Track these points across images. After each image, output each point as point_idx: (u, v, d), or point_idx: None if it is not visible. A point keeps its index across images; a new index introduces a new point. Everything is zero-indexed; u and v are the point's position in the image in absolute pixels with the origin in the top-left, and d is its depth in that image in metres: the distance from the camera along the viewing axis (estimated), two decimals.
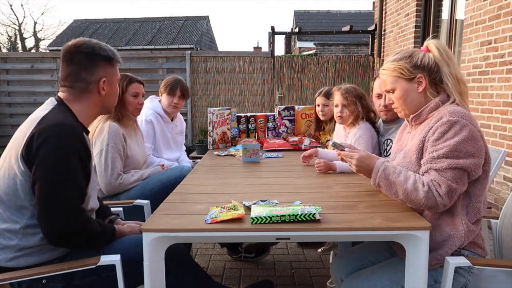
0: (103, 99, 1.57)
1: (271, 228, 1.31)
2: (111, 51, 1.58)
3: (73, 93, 1.52)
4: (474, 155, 1.35)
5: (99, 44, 1.56)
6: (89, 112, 1.57)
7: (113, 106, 1.66)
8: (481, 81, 3.95)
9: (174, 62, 7.60)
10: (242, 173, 2.22)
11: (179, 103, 2.90)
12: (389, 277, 1.46)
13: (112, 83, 1.59)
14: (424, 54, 1.50)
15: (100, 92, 1.54)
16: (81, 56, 1.51)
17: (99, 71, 1.53)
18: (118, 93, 1.67)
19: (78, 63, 1.51)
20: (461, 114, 1.38)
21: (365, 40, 14.31)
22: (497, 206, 3.73)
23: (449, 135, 1.36)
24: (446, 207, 1.38)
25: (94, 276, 1.45)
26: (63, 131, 1.38)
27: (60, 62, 1.56)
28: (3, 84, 7.49)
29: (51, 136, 1.35)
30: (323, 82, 7.33)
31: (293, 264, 2.85)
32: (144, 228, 1.32)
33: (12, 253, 1.39)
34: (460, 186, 1.36)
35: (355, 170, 1.59)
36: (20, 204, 1.39)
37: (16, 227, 1.39)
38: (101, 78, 1.53)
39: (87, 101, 1.54)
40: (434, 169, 1.37)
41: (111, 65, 1.58)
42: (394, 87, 1.53)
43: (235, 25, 79.65)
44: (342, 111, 2.35)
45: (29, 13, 43.88)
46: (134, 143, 2.40)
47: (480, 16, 3.98)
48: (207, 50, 16.61)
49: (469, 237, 1.41)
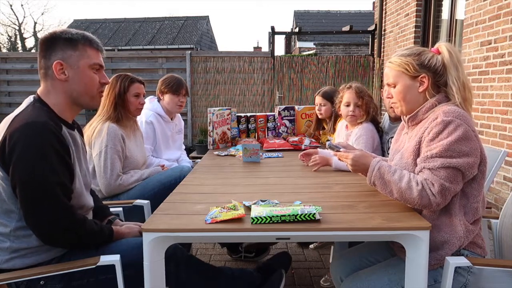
0: (66, 85, 1.45)
1: (271, 228, 1.31)
2: (78, 34, 1.46)
3: (43, 85, 1.48)
4: (468, 154, 1.35)
5: (68, 30, 1.46)
6: (60, 102, 1.47)
7: (84, 93, 1.49)
8: (481, 81, 3.95)
9: (174, 62, 7.59)
10: (242, 173, 2.22)
11: (184, 101, 2.92)
12: (388, 277, 1.46)
13: (76, 67, 1.45)
14: (433, 55, 1.49)
15: (58, 77, 1.43)
16: (43, 45, 1.46)
17: (55, 54, 1.43)
18: (90, 79, 1.48)
19: (40, 52, 1.47)
20: (455, 113, 1.37)
21: (365, 40, 14.31)
22: (497, 206, 3.73)
23: (443, 135, 1.36)
24: (440, 206, 1.39)
25: (93, 278, 1.44)
26: (33, 129, 1.32)
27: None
28: (3, 84, 7.49)
29: (21, 136, 1.31)
30: (323, 82, 7.33)
31: (293, 264, 2.85)
32: (144, 228, 1.32)
33: (6, 255, 1.38)
34: (453, 185, 1.36)
35: (352, 170, 1.59)
36: (7, 208, 1.37)
37: (7, 230, 1.37)
38: (55, 61, 1.43)
39: (54, 89, 1.46)
40: (428, 168, 1.38)
41: (73, 48, 1.44)
42: (396, 81, 1.53)
43: (235, 25, 79.71)
44: (354, 110, 2.32)
45: (29, 13, 43.82)
46: (133, 144, 2.40)
47: (480, 16, 3.98)
48: (207, 50, 16.61)
49: (469, 237, 1.41)
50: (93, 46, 1.49)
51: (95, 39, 1.52)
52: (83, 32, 1.50)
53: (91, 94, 1.51)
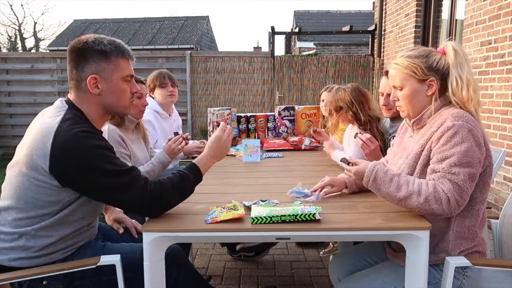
0: (100, 98, 1.45)
1: (271, 228, 1.31)
2: (111, 45, 1.45)
3: (74, 93, 1.47)
4: (480, 161, 1.32)
5: (99, 39, 1.45)
6: (93, 112, 1.47)
7: (117, 105, 1.50)
8: (481, 81, 3.95)
9: (174, 62, 7.59)
10: (242, 173, 2.22)
11: (174, 90, 2.95)
12: (382, 279, 1.47)
13: (110, 81, 1.44)
14: (441, 57, 1.43)
15: (92, 91, 1.43)
16: (74, 53, 1.44)
17: (89, 67, 1.42)
18: (123, 91, 1.49)
19: (71, 61, 1.45)
20: (465, 118, 1.33)
21: (365, 40, 14.30)
22: (497, 206, 3.73)
23: (456, 140, 1.31)
24: (453, 214, 1.34)
25: (95, 279, 1.45)
26: (83, 138, 1.34)
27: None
28: (3, 84, 7.48)
29: (75, 151, 1.32)
30: (323, 82, 7.32)
31: (293, 264, 2.85)
32: (144, 228, 1.33)
33: (17, 253, 1.39)
34: (469, 190, 1.32)
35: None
36: (42, 211, 1.38)
37: (29, 229, 1.38)
38: (89, 75, 1.41)
39: (86, 101, 1.45)
40: (448, 179, 1.31)
41: (106, 61, 1.43)
42: (403, 84, 1.45)
43: (235, 25, 79.66)
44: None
45: (29, 13, 43.62)
46: (135, 147, 2.33)
47: (480, 16, 3.98)
48: (207, 50, 16.61)
49: (473, 241, 1.40)
50: (125, 57, 1.49)
51: (127, 48, 1.51)
52: (114, 41, 1.48)
53: (124, 105, 1.53)
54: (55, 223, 1.39)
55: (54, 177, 1.33)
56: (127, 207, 1.46)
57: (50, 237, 1.40)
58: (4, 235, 1.40)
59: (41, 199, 1.36)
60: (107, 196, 1.39)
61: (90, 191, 1.38)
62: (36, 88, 7.45)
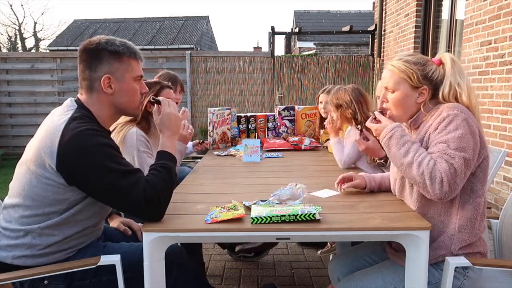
0: (112, 98, 1.49)
1: (271, 228, 1.31)
2: (123, 46, 1.49)
3: (85, 93, 1.49)
4: (473, 148, 1.33)
5: (111, 40, 1.48)
6: (104, 112, 1.50)
7: (128, 105, 1.53)
8: (481, 81, 3.95)
9: (174, 62, 7.59)
10: (242, 173, 2.22)
11: (179, 98, 2.85)
12: (383, 278, 1.47)
13: (122, 81, 1.48)
14: (436, 68, 1.46)
15: (105, 90, 1.46)
16: (86, 54, 1.47)
17: (102, 67, 1.45)
18: (134, 90, 1.52)
19: (83, 61, 1.47)
20: (460, 108, 1.37)
21: (365, 40, 14.31)
22: (497, 206, 3.73)
23: (451, 127, 1.33)
24: (444, 198, 1.33)
25: (95, 279, 1.45)
26: (90, 135, 1.36)
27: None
28: (3, 84, 7.48)
29: (82, 149, 1.33)
30: (323, 82, 7.32)
31: (293, 264, 2.85)
32: (144, 228, 1.33)
33: (22, 251, 1.39)
34: (463, 177, 1.32)
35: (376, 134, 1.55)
36: (49, 210, 1.39)
37: (35, 227, 1.39)
38: (103, 75, 1.45)
39: (99, 101, 1.48)
40: (445, 159, 1.31)
41: (119, 61, 1.47)
42: (396, 88, 1.48)
43: (235, 25, 79.67)
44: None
45: (29, 13, 43.74)
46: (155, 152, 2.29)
47: (480, 16, 3.98)
48: (207, 50, 16.61)
49: (474, 235, 1.40)
50: (136, 58, 1.53)
51: (137, 49, 1.54)
52: (125, 42, 1.52)
53: (134, 105, 1.56)
54: (61, 222, 1.40)
55: (61, 175, 1.35)
56: (129, 208, 1.43)
57: (55, 236, 1.41)
58: (10, 232, 1.41)
59: (48, 197, 1.37)
60: (110, 196, 1.39)
61: (94, 190, 1.38)
62: (36, 88, 7.44)
